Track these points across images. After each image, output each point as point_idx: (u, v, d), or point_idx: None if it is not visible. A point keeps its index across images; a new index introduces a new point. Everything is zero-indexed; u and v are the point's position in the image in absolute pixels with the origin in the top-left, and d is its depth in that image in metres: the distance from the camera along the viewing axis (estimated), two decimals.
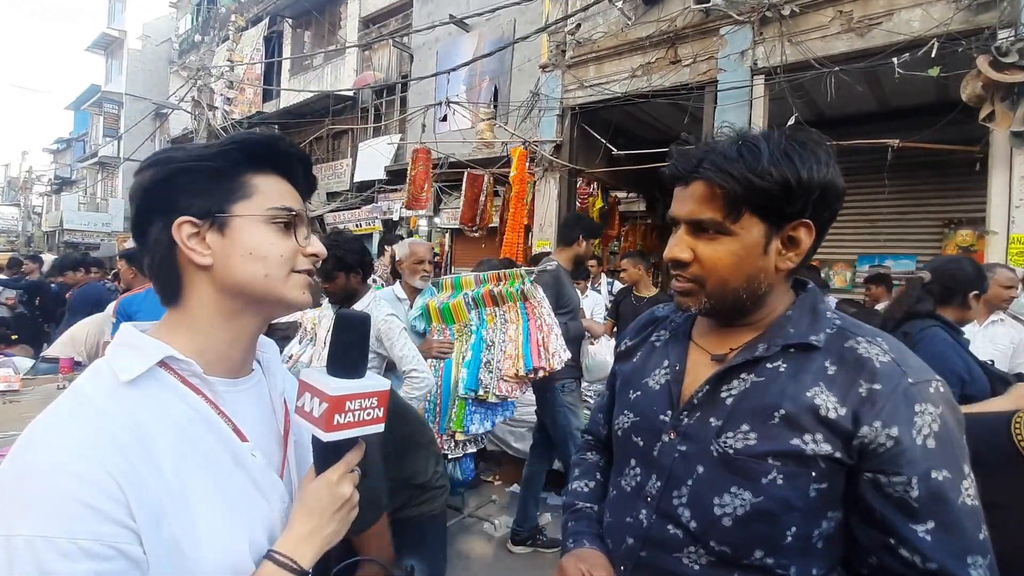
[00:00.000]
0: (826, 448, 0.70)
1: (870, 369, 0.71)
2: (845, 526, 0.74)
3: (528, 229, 7.05)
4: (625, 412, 0.90)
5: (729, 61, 5.29)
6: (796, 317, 0.79)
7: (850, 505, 0.73)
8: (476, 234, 7.96)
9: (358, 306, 2.35)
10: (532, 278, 2.83)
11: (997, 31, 4.00)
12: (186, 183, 0.65)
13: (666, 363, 0.87)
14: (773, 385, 0.75)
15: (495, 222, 7.73)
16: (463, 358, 2.84)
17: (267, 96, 14.94)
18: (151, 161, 0.67)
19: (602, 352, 3.89)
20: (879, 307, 4.56)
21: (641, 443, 0.86)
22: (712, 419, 0.78)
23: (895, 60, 4.33)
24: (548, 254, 5.61)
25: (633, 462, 0.86)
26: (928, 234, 6.85)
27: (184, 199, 0.65)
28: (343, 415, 0.66)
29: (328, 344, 0.71)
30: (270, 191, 0.69)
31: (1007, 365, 3.16)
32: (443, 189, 9.94)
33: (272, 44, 15.22)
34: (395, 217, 11.27)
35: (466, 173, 7.59)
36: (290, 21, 14.69)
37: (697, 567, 0.76)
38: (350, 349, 0.70)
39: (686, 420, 0.80)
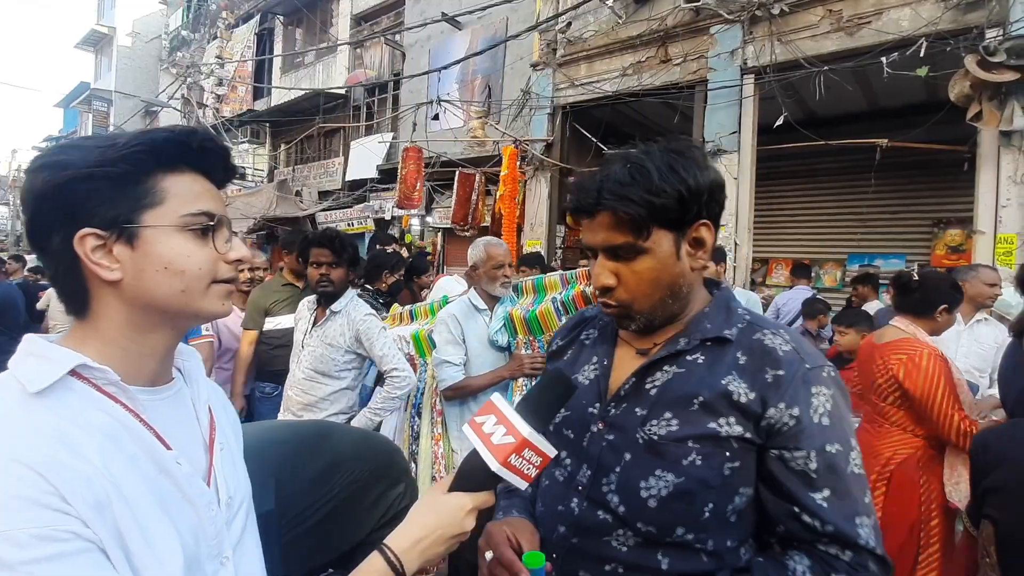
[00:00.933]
0: (738, 430, 0.78)
1: (775, 357, 0.80)
2: (755, 501, 0.82)
3: (519, 228, 7.03)
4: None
5: (719, 60, 5.28)
6: (712, 314, 0.88)
7: (760, 480, 0.80)
8: (468, 233, 7.93)
9: (338, 305, 2.31)
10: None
11: (985, 30, 4.00)
12: (86, 191, 0.59)
13: (595, 359, 0.95)
14: (692, 375, 0.83)
15: (487, 221, 7.71)
16: None
17: (258, 94, 14.82)
18: (42, 163, 0.60)
19: None
20: (866, 307, 4.56)
21: (572, 435, 0.91)
22: (638, 409, 0.84)
23: (884, 59, 4.34)
24: (539, 254, 5.59)
25: (564, 454, 0.91)
26: (918, 234, 6.88)
27: (85, 208, 0.59)
28: (518, 458, 0.69)
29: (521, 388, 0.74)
30: (184, 193, 0.64)
31: (990, 365, 3.18)
32: (435, 188, 9.89)
33: (263, 41, 15.11)
34: (387, 216, 11.21)
35: (458, 172, 7.56)
36: (281, 18, 14.59)
37: (625, 549, 0.82)
38: (550, 404, 0.76)
39: (613, 411, 0.87)
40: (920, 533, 2.04)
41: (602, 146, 6.25)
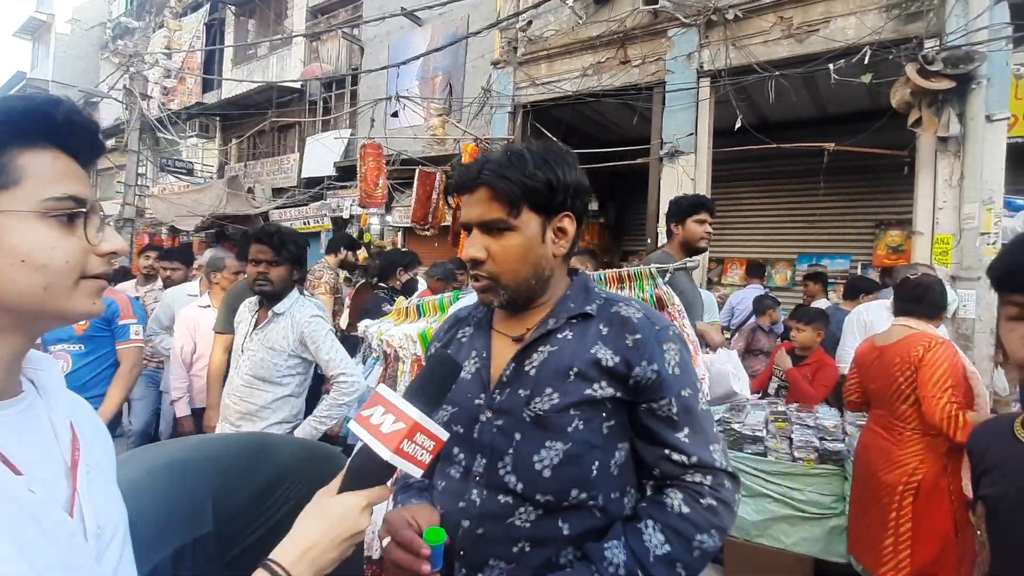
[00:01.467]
0: (609, 391, 0.90)
1: (631, 325, 0.93)
2: (632, 454, 0.95)
3: None
4: (444, 407, 0.99)
5: (676, 63, 5.36)
6: (574, 295, 0.99)
7: (634, 432, 0.94)
8: (428, 232, 7.80)
9: (282, 306, 2.17)
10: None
11: (924, 40, 4.20)
12: None
13: (474, 353, 1.02)
14: (565, 351, 0.93)
15: (448, 220, 7.59)
16: None
17: (207, 86, 14.21)
18: None
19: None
20: (814, 304, 4.71)
21: (462, 430, 0.96)
22: (521, 391, 0.93)
23: (831, 66, 4.49)
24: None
25: (456, 450, 0.97)
26: (861, 234, 7.19)
27: None
28: (410, 444, 0.69)
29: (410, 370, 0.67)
30: (45, 173, 0.55)
31: None
32: (395, 187, 9.70)
33: (213, 32, 14.49)
34: (345, 215, 10.94)
35: (418, 170, 7.41)
36: (233, 8, 14.02)
37: (528, 524, 0.89)
38: (438, 387, 0.78)
39: (499, 398, 0.94)
40: (957, 542, 2.03)
41: (563, 145, 6.25)
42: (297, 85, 11.76)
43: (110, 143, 14.49)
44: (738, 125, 5.16)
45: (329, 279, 4.39)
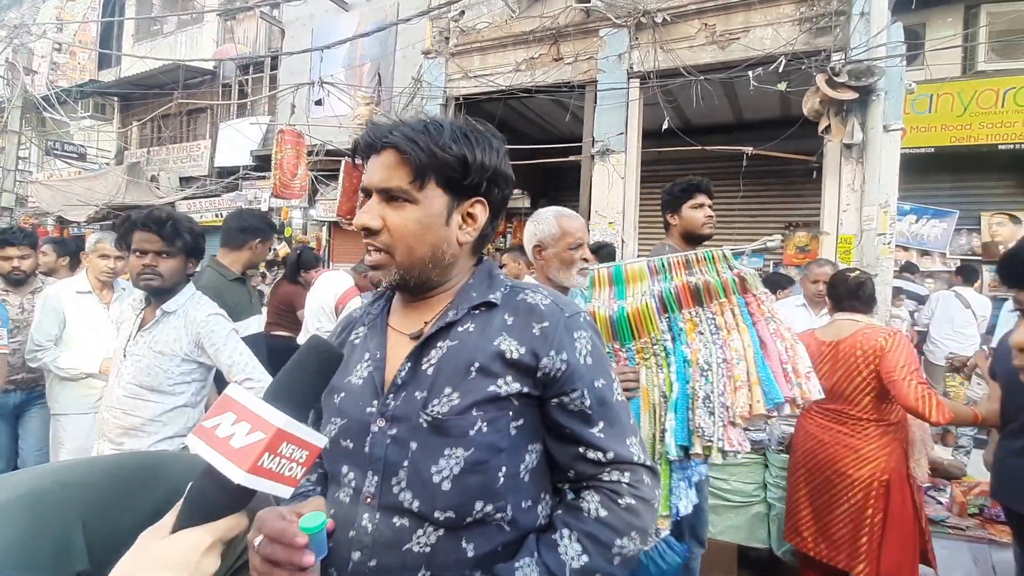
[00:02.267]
0: (516, 386, 0.80)
1: (538, 313, 0.84)
2: (544, 457, 0.86)
3: None
4: (332, 420, 0.89)
5: (608, 63, 5.44)
6: (477, 283, 0.89)
7: (546, 431, 0.85)
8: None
9: (173, 304, 1.89)
10: (747, 259, 1.94)
11: (832, 53, 4.51)
12: None
13: (367, 356, 0.90)
14: (466, 345, 0.83)
15: None
16: (660, 395, 1.76)
17: (104, 62, 12.86)
18: None
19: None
20: None
21: (351, 445, 0.85)
22: (417, 393, 0.82)
23: (750, 73, 4.73)
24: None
25: (346, 468, 0.85)
26: (773, 235, 7.67)
27: None
28: (273, 458, 0.55)
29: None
30: None
31: None
32: (319, 179, 9.23)
33: (112, 3, 13.13)
34: (263, 207, 10.27)
35: (344, 162, 7.08)
36: None
37: (429, 549, 0.78)
38: (310, 381, 0.64)
39: (393, 403, 0.83)
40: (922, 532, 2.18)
41: (494, 130, 6.18)
42: (209, 66, 10.89)
43: None
44: (665, 126, 5.32)
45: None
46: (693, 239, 2.32)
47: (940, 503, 2.97)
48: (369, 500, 0.80)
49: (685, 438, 1.72)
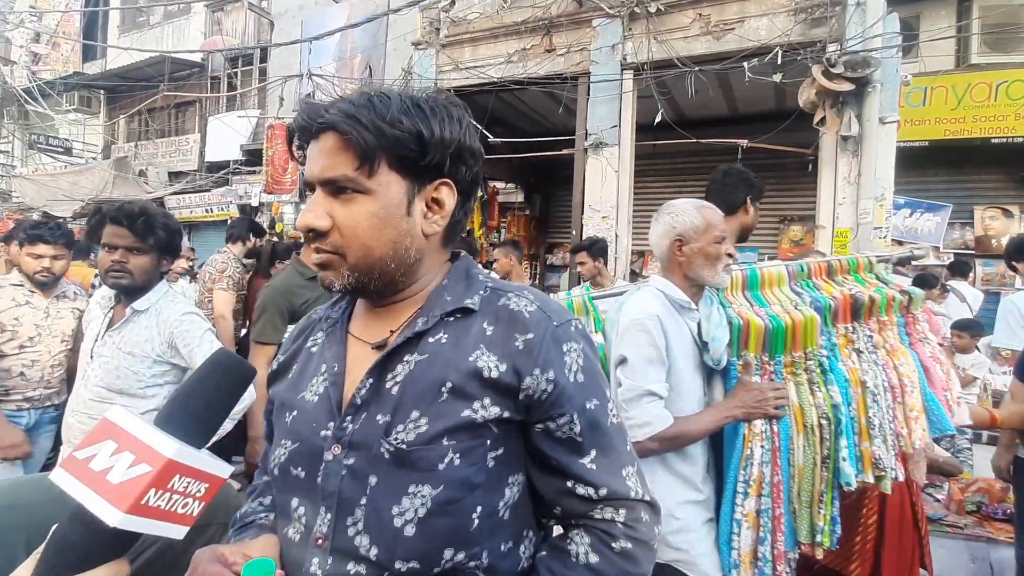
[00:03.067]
0: (495, 411, 0.69)
1: (522, 321, 0.72)
2: (527, 488, 0.75)
3: None
4: (282, 443, 0.75)
5: (601, 53, 5.36)
6: (451, 285, 0.77)
7: (529, 459, 0.74)
8: None
9: (144, 303, 1.79)
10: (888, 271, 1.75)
11: (827, 44, 4.45)
12: None
13: (323, 368, 0.76)
14: (437, 360, 0.70)
15: None
16: (820, 416, 1.53)
17: (88, 54, 12.62)
18: None
19: None
20: None
21: (303, 474, 0.72)
22: (379, 416, 0.69)
23: (745, 65, 4.66)
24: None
25: (296, 502, 0.72)
26: (767, 229, 7.65)
27: None
28: (163, 494, 0.48)
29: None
30: None
31: None
32: None
33: None
34: (254, 202, 10.16)
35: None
36: None
37: None
38: (214, 404, 0.55)
39: (351, 427, 0.70)
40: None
41: (488, 134, 6.09)
42: (197, 58, 10.71)
43: None
44: (659, 119, 5.24)
45: (233, 273, 3.96)
46: (742, 239, 2.28)
47: (938, 500, 2.95)
48: (320, 541, 0.68)
49: (858, 468, 1.55)
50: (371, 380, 0.72)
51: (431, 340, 0.72)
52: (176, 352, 1.79)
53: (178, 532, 0.51)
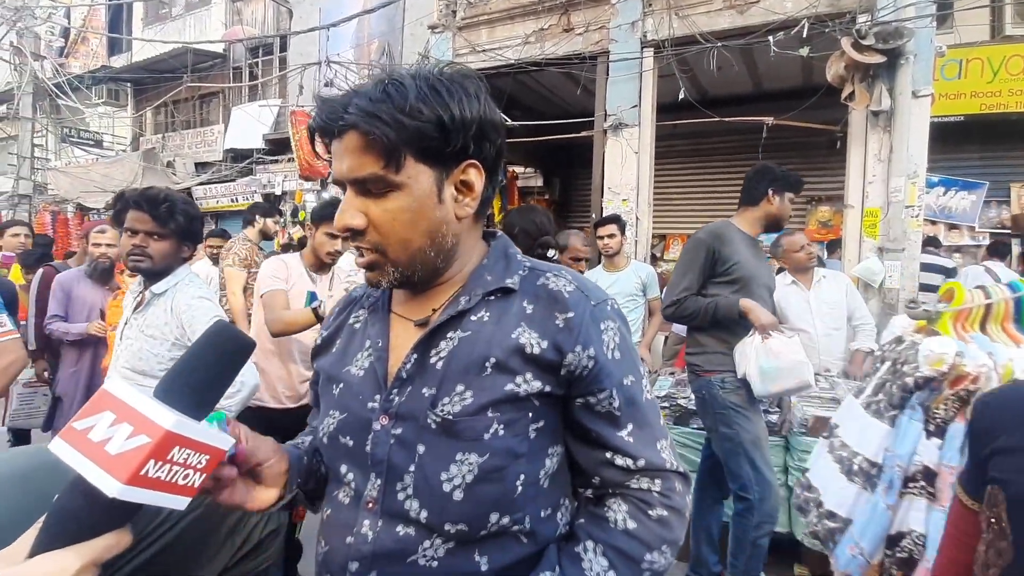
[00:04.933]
0: (537, 385, 0.72)
1: (562, 301, 0.74)
2: (564, 459, 0.79)
3: None
4: (331, 413, 0.80)
5: (620, 31, 5.25)
6: (491, 264, 0.79)
7: (568, 432, 0.77)
8: None
9: (162, 286, 1.84)
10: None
11: (857, 15, 4.28)
12: None
13: (368, 344, 0.80)
14: (480, 336, 0.73)
15: None
16: None
17: (114, 48, 12.87)
18: None
19: (791, 352, 2.19)
20: None
21: (351, 443, 0.76)
22: (425, 389, 0.73)
23: (771, 39, 4.51)
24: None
25: (345, 468, 0.77)
26: (794, 210, 7.43)
27: None
28: (162, 465, 0.48)
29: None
30: None
31: (843, 318, 3.38)
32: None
33: None
34: (277, 191, 10.29)
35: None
36: None
37: (436, 564, 0.71)
38: (212, 376, 0.56)
39: (397, 399, 0.74)
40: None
41: (505, 117, 6.04)
42: (219, 49, 10.83)
43: (0, 109, 12.91)
44: (681, 97, 5.13)
45: (239, 250, 4.05)
46: (771, 227, 2.48)
47: None
48: (371, 505, 0.73)
49: None
50: (416, 355, 0.75)
51: (473, 318, 0.75)
52: (185, 333, 1.82)
53: (179, 503, 0.51)
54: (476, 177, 0.75)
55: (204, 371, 0.56)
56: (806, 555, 2.69)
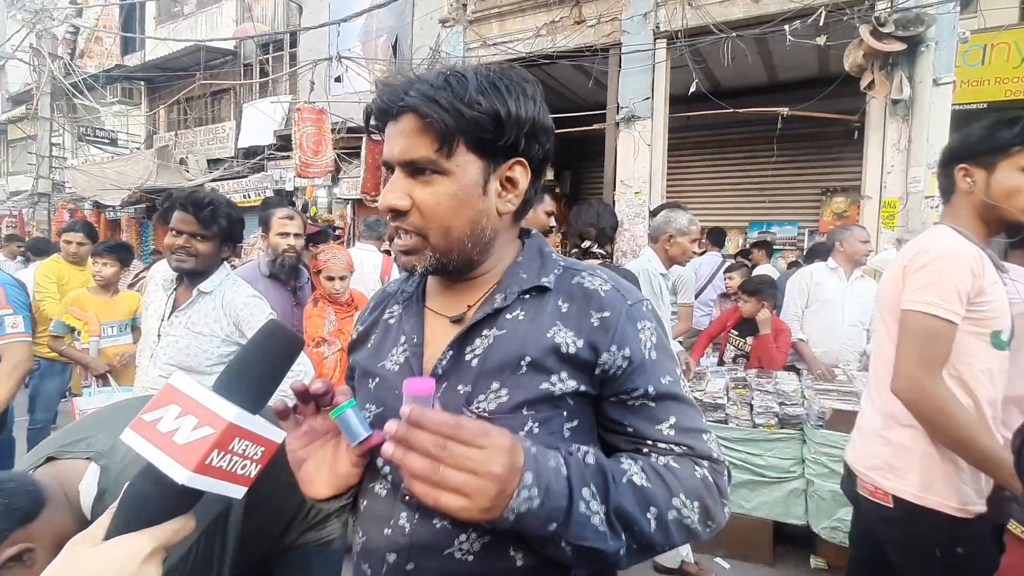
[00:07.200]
0: (572, 384, 0.72)
1: (597, 300, 0.75)
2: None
3: None
4: (367, 407, 0.80)
5: (632, 23, 5.19)
6: (526, 263, 0.80)
7: (602, 428, 0.77)
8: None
9: (209, 284, 1.89)
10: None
11: (875, 3, 4.18)
12: None
13: (403, 339, 0.81)
14: (515, 335, 0.74)
15: None
16: None
17: (128, 47, 12.99)
18: None
19: None
20: (757, 270, 4.77)
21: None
22: (460, 386, 0.74)
23: (786, 28, 4.43)
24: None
25: (381, 461, 0.77)
26: (808, 202, 7.36)
27: None
28: (224, 455, 0.51)
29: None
30: None
31: (869, 318, 3.36)
32: (341, 156, 9.20)
33: None
34: (288, 187, 10.35)
35: (365, 139, 7.02)
36: None
37: (472, 557, 0.71)
38: (266, 370, 0.58)
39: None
40: None
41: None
42: (230, 46, 10.88)
43: (19, 110, 13.10)
44: (693, 89, 5.07)
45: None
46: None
47: None
48: (408, 498, 0.74)
49: None
50: (451, 352, 0.75)
51: (508, 316, 0.76)
52: (243, 334, 1.87)
53: (237, 492, 0.54)
54: (522, 175, 0.76)
55: (260, 367, 0.59)
56: (822, 546, 2.68)
